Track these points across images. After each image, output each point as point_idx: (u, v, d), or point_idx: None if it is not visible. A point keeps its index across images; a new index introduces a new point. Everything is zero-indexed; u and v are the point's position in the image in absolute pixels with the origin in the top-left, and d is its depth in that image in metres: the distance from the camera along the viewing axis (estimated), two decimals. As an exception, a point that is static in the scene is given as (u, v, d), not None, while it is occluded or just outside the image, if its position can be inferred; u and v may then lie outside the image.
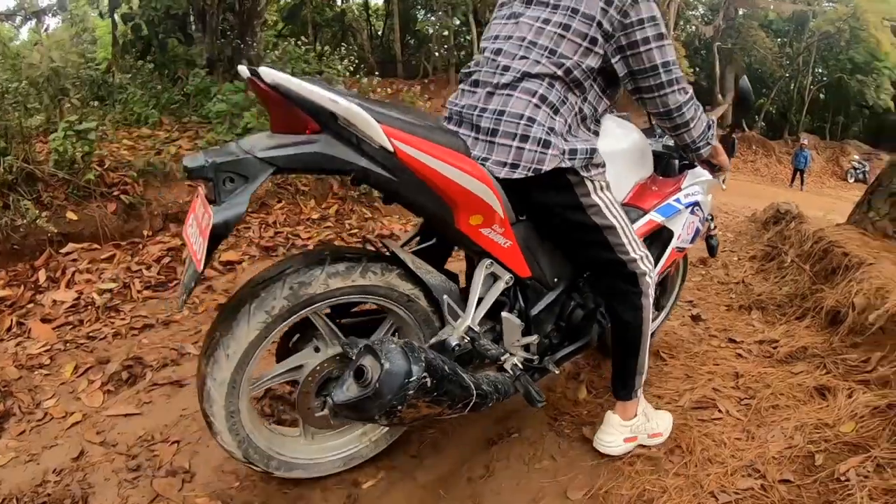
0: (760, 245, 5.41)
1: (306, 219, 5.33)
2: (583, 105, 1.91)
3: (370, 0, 31.46)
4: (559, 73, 1.80)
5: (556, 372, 2.32)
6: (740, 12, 27.42)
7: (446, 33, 25.39)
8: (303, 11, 26.13)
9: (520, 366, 2.04)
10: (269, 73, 1.47)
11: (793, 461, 2.30)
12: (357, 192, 5.82)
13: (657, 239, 2.48)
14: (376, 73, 9.46)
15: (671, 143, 2.49)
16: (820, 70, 30.59)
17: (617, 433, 2.28)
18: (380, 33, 31.08)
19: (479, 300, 1.92)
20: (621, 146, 2.24)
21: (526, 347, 2.16)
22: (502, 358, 2.01)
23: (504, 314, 2.03)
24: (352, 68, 7.10)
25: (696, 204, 2.57)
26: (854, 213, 4.65)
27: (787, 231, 5.13)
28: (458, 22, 26.66)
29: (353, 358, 1.58)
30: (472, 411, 1.79)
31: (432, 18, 25.12)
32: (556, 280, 2.15)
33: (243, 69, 1.58)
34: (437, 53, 26.15)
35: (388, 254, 1.93)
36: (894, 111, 28.21)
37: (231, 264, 4.36)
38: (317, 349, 1.91)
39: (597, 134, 2.01)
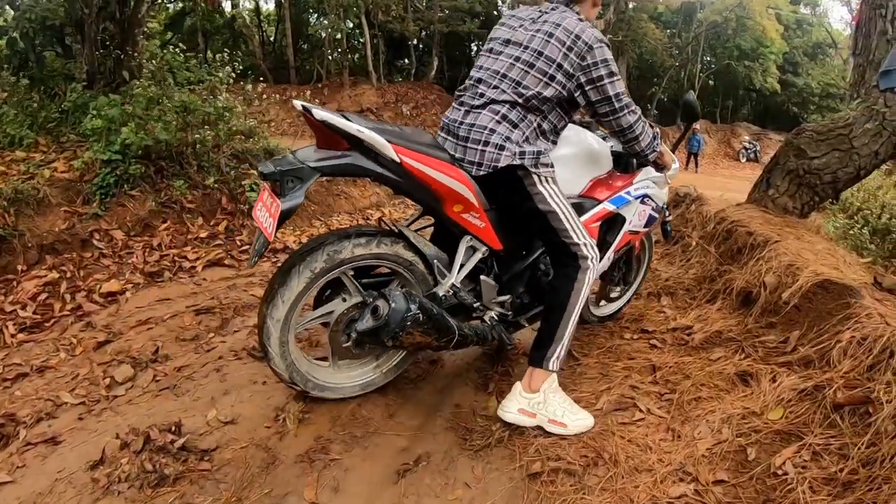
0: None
1: (194, 238, 5.00)
2: (542, 122, 2.43)
3: (262, 6, 30.73)
4: (520, 100, 2.36)
5: (526, 325, 2.88)
6: (630, 6, 28.09)
7: (339, 36, 24.96)
8: (191, 20, 25.28)
9: (496, 318, 2.71)
10: (318, 112, 2.09)
11: (724, 458, 2.15)
12: (248, 205, 5.50)
13: (613, 223, 2.99)
14: (261, 78, 9.00)
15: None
16: (708, 58, 31.81)
17: (515, 401, 2.48)
18: (272, 39, 30.29)
19: (462, 266, 2.53)
20: (576, 150, 2.80)
21: (502, 304, 2.75)
22: (482, 311, 2.67)
23: (482, 277, 2.63)
24: (234, 75, 6.62)
25: (646, 196, 3.06)
26: (753, 192, 4.65)
27: (688, 214, 5.10)
28: (350, 25, 26.29)
29: (370, 301, 2.33)
30: (455, 348, 2.51)
31: (325, 22, 24.58)
32: (523, 253, 2.77)
33: (297, 103, 2.14)
34: (329, 57, 25.66)
35: (396, 231, 2.51)
36: (780, 93, 29.69)
37: (113, 296, 3.99)
38: (344, 299, 2.50)
39: (554, 143, 2.55)
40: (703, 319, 3.34)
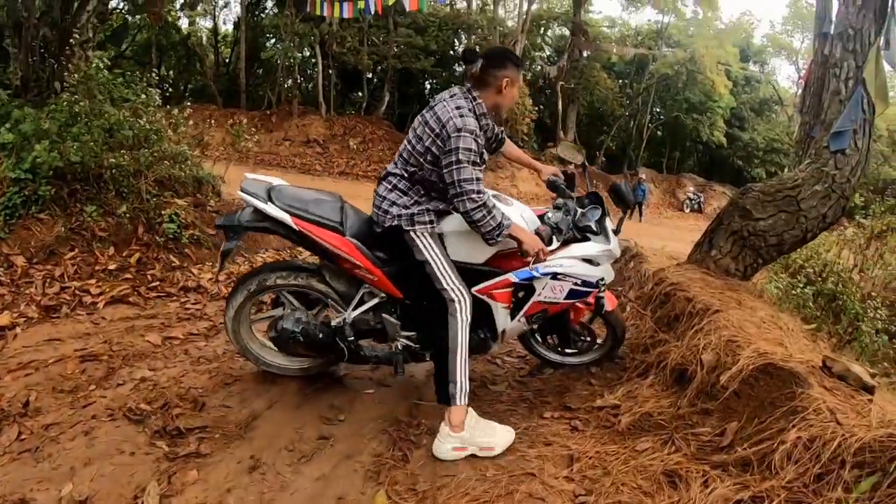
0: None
1: (102, 269, 4.55)
2: (431, 190, 2.82)
3: (220, 26, 30.31)
4: (405, 174, 2.81)
5: (427, 359, 3.17)
6: (584, 54, 28.46)
7: (290, 64, 24.54)
8: (145, 34, 24.64)
9: (400, 348, 3.10)
10: (240, 192, 2.89)
11: None
12: (164, 237, 5.05)
13: (527, 291, 3.08)
14: (186, 100, 8.51)
15: (563, 220, 3.10)
16: (658, 109, 32.21)
17: (446, 441, 2.68)
18: (227, 61, 29.67)
19: (358, 306, 3.04)
20: None
21: (409, 338, 3.11)
22: (393, 340, 3.10)
23: (384, 315, 3.06)
24: (159, 99, 6.10)
25: (557, 273, 3.04)
26: (695, 252, 4.34)
27: (626, 271, 4.76)
28: (307, 53, 25.91)
29: (277, 317, 3.09)
30: (351, 362, 3.20)
31: (279, 47, 24.20)
32: (425, 303, 2.96)
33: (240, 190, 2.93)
34: (285, 84, 25.19)
35: (314, 267, 3.11)
36: (726, 147, 30.22)
37: (1, 330, 3.60)
38: (283, 308, 3.17)
39: (447, 209, 2.86)
40: (632, 397, 2.95)
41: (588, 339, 3.66)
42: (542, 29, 31.59)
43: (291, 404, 3.06)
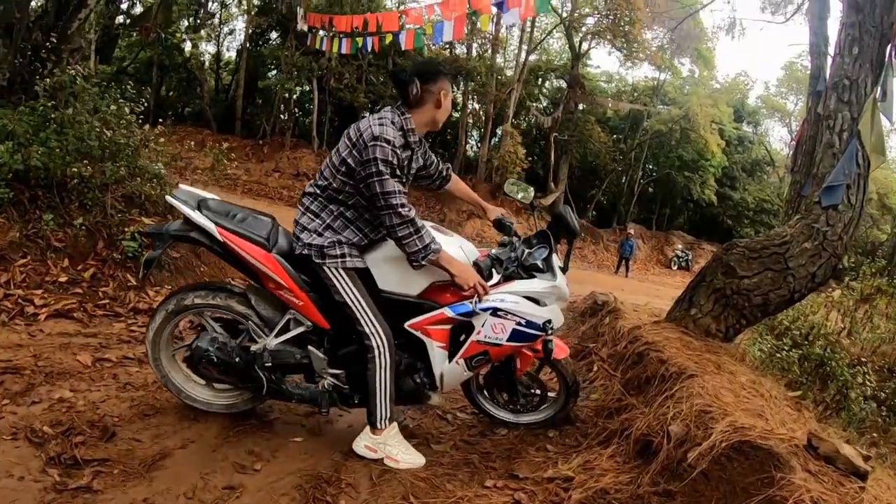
0: (573, 338, 4.68)
1: (52, 281, 4.32)
2: (345, 211, 2.69)
3: (224, 52, 30.57)
4: (318, 191, 2.71)
5: (356, 403, 2.92)
6: (580, 107, 28.56)
7: (287, 96, 24.61)
8: (148, 52, 24.59)
9: (328, 387, 2.88)
10: (168, 197, 2.82)
11: None
12: (123, 254, 4.77)
13: (466, 331, 2.88)
14: (158, 121, 8.32)
15: (504, 253, 3.03)
16: (651, 165, 32.27)
17: (363, 439, 2.84)
18: (227, 87, 29.80)
19: (280, 333, 2.83)
20: None
21: (337, 377, 2.89)
22: (321, 377, 2.89)
23: (309, 347, 2.85)
24: (137, 119, 5.86)
25: (498, 309, 2.83)
26: (674, 310, 4.02)
27: (601, 326, 4.42)
28: (306, 88, 25.96)
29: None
30: (271, 397, 2.96)
31: (278, 78, 24.36)
32: (353, 336, 2.79)
33: (171, 198, 2.81)
34: (282, 115, 25.23)
35: (239, 290, 2.95)
36: (716, 205, 30.18)
37: None
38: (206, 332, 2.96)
39: (368, 234, 2.74)
40: (588, 468, 2.58)
41: (538, 392, 3.39)
42: (540, 80, 31.90)
43: (208, 446, 2.79)
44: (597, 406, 3.26)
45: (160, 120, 8.30)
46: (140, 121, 5.80)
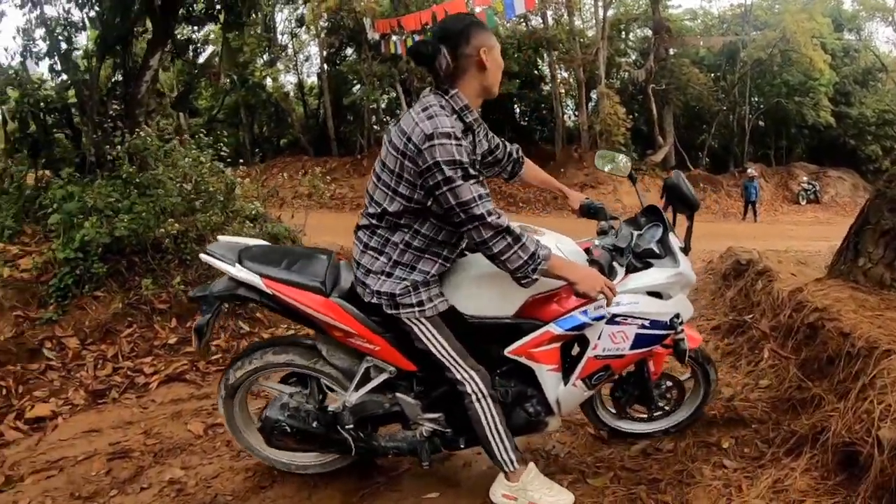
0: (723, 309, 4.19)
1: (161, 344, 4.37)
2: (412, 240, 2.22)
3: (305, 80, 31.15)
4: (373, 221, 2.24)
5: (462, 447, 2.57)
6: (671, 52, 27.20)
7: (374, 106, 24.82)
8: (233, 96, 25.52)
9: (426, 434, 2.54)
10: (202, 255, 2.51)
11: None
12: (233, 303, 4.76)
13: (580, 345, 2.50)
14: (281, 155, 8.49)
15: (622, 240, 2.58)
16: (756, 98, 30.29)
17: (499, 487, 2.50)
18: (316, 111, 30.42)
19: (361, 384, 2.49)
20: (494, 268, 2.22)
21: (435, 421, 2.53)
22: (416, 425, 2.54)
23: (398, 394, 2.51)
24: (218, 160, 5.94)
25: (614, 316, 2.40)
26: (837, 262, 3.53)
27: (753, 293, 3.90)
28: (393, 94, 26.01)
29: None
30: (361, 455, 2.63)
31: (361, 92, 24.74)
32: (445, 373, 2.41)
33: (202, 256, 2.54)
34: (373, 127, 25.56)
35: (310, 343, 2.59)
36: (835, 127, 27.90)
37: (41, 421, 3.43)
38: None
39: (445, 258, 2.29)
40: (781, 491, 2.13)
41: (674, 387, 2.96)
42: (623, 33, 30.66)
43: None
44: (771, 399, 2.83)
45: (255, 159, 8.54)
46: (233, 163, 5.84)
